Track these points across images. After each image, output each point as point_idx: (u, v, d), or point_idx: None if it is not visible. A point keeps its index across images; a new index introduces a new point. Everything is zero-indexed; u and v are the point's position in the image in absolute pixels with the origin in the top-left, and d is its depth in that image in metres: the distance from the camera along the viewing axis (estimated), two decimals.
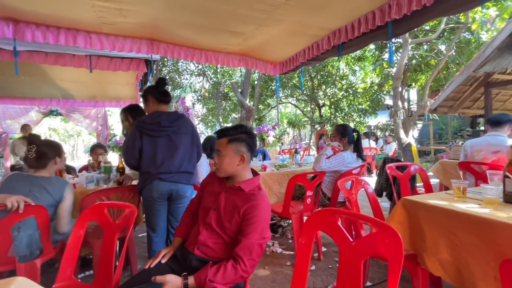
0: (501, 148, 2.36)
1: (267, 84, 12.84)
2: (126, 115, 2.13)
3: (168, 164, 1.76)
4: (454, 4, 1.98)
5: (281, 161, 3.27)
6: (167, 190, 1.77)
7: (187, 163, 1.87)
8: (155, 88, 1.92)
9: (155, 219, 1.81)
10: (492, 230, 1.02)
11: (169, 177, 1.75)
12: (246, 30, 2.89)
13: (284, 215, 2.26)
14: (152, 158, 1.75)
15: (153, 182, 1.72)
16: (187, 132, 1.89)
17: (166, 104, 1.92)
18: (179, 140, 1.83)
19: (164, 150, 1.77)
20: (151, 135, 1.76)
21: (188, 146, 1.88)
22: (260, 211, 1.06)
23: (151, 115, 1.83)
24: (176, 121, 1.83)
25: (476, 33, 7.67)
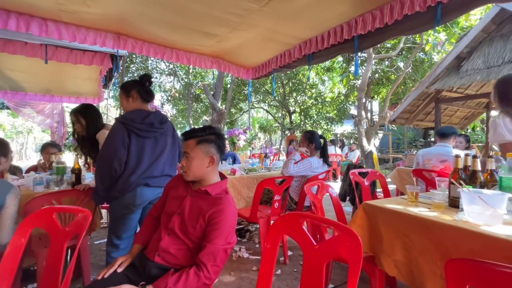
0: (448, 158, 2.63)
1: (240, 88, 12.86)
2: (78, 116, 1.94)
3: (154, 167, 1.65)
4: (411, 26, 2.18)
5: (250, 165, 3.27)
6: (152, 196, 1.65)
7: (170, 166, 1.78)
8: (141, 85, 1.76)
9: (125, 227, 1.64)
10: (439, 232, 1.11)
11: (154, 182, 1.64)
12: (219, 32, 2.86)
13: (251, 220, 2.25)
14: (138, 162, 1.59)
15: (138, 189, 1.57)
16: (169, 134, 1.80)
17: (149, 103, 1.82)
18: (164, 143, 1.74)
19: (150, 153, 1.65)
20: (140, 136, 1.60)
21: (171, 149, 1.80)
22: (226, 216, 1.04)
23: (138, 113, 1.65)
24: (165, 122, 1.74)
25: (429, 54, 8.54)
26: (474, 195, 1.11)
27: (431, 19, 2.02)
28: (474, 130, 9.97)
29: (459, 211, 1.24)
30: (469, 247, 1.01)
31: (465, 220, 1.13)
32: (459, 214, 1.20)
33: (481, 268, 0.65)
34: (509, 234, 0.97)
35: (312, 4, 2.30)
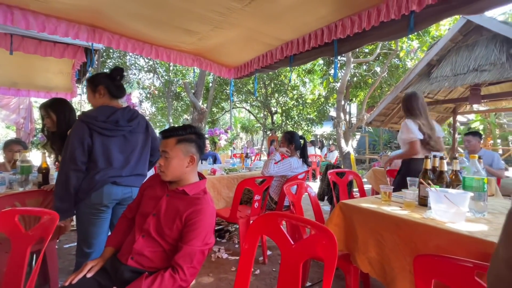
0: None
1: (222, 87, 12.76)
2: (48, 111, 1.80)
3: (124, 166, 1.56)
4: (387, 33, 2.28)
5: (231, 165, 3.25)
6: (120, 195, 1.56)
7: (142, 164, 1.70)
8: (111, 80, 1.64)
9: (96, 231, 1.52)
10: (408, 229, 1.17)
11: (123, 181, 1.55)
12: (201, 30, 2.82)
13: (231, 220, 2.23)
14: (105, 160, 1.51)
15: (104, 187, 1.48)
16: (142, 131, 1.72)
17: (119, 99, 1.69)
18: (136, 140, 1.65)
19: (119, 151, 1.56)
20: (104, 135, 1.51)
21: (143, 147, 1.71)
22: (204, 216, 1.02)
23: (103, 111, 1.55)
24: (133, 119, 1.63)
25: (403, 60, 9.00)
26: (440, 194, 1.18)
27: (405, 27, 2.13)
28: None
29: (427, 209, 1.31)
30: (436, 243, 1.07)
31: (432, 218, 1.20)
32: (427, 212, 1.27)
33: (444, 263, 0.70)
34: (471, 230, 1.05)
35: (294, 6, 2.33)
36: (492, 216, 1.29)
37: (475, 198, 1.29)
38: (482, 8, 1.78)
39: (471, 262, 0.65)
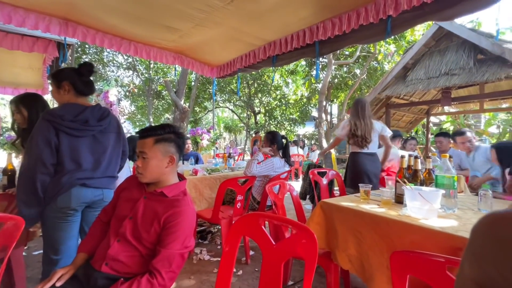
0: (394, 157, 2.92)
1: (204, 86, 12.60)
2: (19, 106, 1.68)
3: (94, 167, 1.47)
4: (365, 36, 2.35)
5: (214, 165, 3.21)
6: (91, 197, 1.46)
7: (114, 165, 1.62)
8: (78, 75, 1.51)
9: (64, 236, 1.41)
10: (386, 226, 1.21)
11: (93, 183, 1.46)
12: (182, 27, 2.76)
13: (213, 221, 2.20)
14: (72, 162, 1.41)
15: (72, 189, 1.38)
16: (113, 131, 1.63)
17: (87, 96, 1.58)
18: (107, 140, 1.56)
19: (89, 152, 1.47)
20: (72, 135, 1.40)
21: (114, 147, 1.63)
22: (183, 218, 0.99)
23: (70, 109, 1.44)
24: (104, 119, 1.54)
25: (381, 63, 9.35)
26: (415, 192, 1.24)
27: (383, 31, 2.21)
28: (417, 133, 11.19)
29: (403, 207, 1.36)
30: (410, 239, 1.12)
31: (407, 215, 1.25)
32: (403, 209, 1.32)
33: (418, 259, 0.72)
34: (442, 226, 1.10)
35: (276, 7, 2.34)
36: (461, 212, 1.36)
37: (446, 195, 1.36)
38: (451, 16, 1.88)
39: (442, 257, 0.68)
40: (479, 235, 0.28)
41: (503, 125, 9.87)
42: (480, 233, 0.27)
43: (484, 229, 0.27)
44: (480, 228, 0.28)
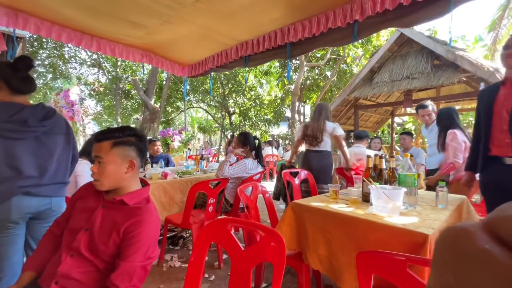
0: (362, 157, 3.05)
1: (177, 86, 12.22)
2: None
3: (41, 173, 1.32)
4: (334, 39, 2.42)
5: (185, 167, 3.10)
6: (36, 207, 1.31)
7: (64, 171, 1.47)
8: (13, 71, 1.34)
9: (5, 252, 1.25)
10: (353, 225, 1.24)
11: (40, 191, 1.31)
12: (149, 24, 2.63)
13: (184, 226, 2.12)
14: (10, 168, 1.25)
15: (12, 199, 1.23)
16: (61, 132, 1.49)
17: (26, 95, 1.41)
18: (53, 143, 1.41)
19: (31, 156, 1.31)
20: (7, 137, 1.25)
21: (63, 150, 1.48)
22: (146, 228, 0.92)
23: (4, 109, 1.28)
24: (48, 119, 1.37)
25: (350, 66, 9.78)
26: (379, 191, 1.28)
27: (350, 34, 2.29)
28: (383, 133, 11.88)
29: (369, 205, 1.41)
30: (376, 237, 1.15)
31: (373, 213, 1.29)
32: (369, 208, 1.36)
33: (382, 258, 0.74)
34: (404, 223, 1.15)
35: (248, 6, 2.32)
36: (421, 208, 1.44)
37: (408, 192, 1.43)
38: (411, 23, 2.01)
39: (403, 255, 0.71)
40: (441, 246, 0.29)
41: None
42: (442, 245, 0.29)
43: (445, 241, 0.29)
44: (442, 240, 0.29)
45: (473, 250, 0.24)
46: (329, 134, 2.90)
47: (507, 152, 1.49)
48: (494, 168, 1.59)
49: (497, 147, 1.56)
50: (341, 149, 2.96)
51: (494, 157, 1.58)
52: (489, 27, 8.05)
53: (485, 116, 1.63)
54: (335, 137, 2.94)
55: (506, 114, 1.48)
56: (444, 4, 1.77)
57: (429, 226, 1.11)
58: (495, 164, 1.58)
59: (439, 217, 1.26)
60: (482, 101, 1.69)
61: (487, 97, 1.64)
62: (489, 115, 1.60)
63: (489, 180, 1.64)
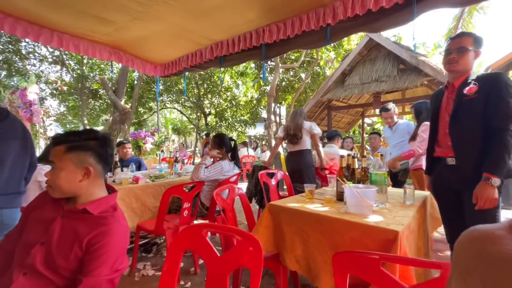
0: (335, 156, 3.15)
1: (149, 85, 11.75)
2: None
3: None
4: (308, 42, 2.47)
5: (158, 171, 2.97)
6: None
7: (18, 179, 1.33)
8: None
9: None
10: (328, 225, 1.27)
11: None
12: (117, 20, 2.49)
13: (157, 233, 2.02)
14: None
15: None
16: (16, 137, 1.34)
17: None
18: (6, 149, 1.28)
19: None
20: None
21: (17, 157, 1.33)
22: (112, 238, 0.85)
23: None
24: (1, 121, 1.26)
25: (323, 68, 10.10)
26: (353, 190, 1.32)
27: (323, 38, 2.35)
28: (354, 133, 12.42)
29: (344, 205, 1.45)
30: (350, 236, 1.18)
31: (347, 212, 1.32)
32: (344, 207, 1.40)
33: (356, 258, 0.76)
34: (376, 221, 1.20)
35: (222, 6, 2.29)
36: (391, 205, 1.51)
37: (379, 191, 1.49)
38: (378, 28, 2.11)
39: (377, 254, 0.73)
40: (463, 251, 0.28)
41: None
42: (464, 249, 0.28)
43: (468, 246, 0.28)
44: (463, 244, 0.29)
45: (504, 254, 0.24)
46: (307, 132, 3.03)
47: (448, 153, 1.54)
48: (438, 169, 1.65)
49: (441, 148, 1.62)
50: (316, 148, 3.05)
51: (438, 158, 1.64)
52: (446, 35, 8.77)
53: (432, 119, 1.71)
54: (312, 135, 3.05)
55: (447, 118, 1.53)
56: (408, 12, 1.89)
57: (399, 222, 1.16)
58: (439, 164, 1.64)
59: (407, 213, 1.33)
60: (431, 105, 1.77)
61: (434, 101, 1.72)
62: (435, 118, 1.66)
63: (435, 180, 1.70)
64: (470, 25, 8.07)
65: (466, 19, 7.99)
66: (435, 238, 2.88)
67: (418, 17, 1.88)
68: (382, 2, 1.92)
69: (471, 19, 7.97)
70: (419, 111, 2.64)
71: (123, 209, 2.34)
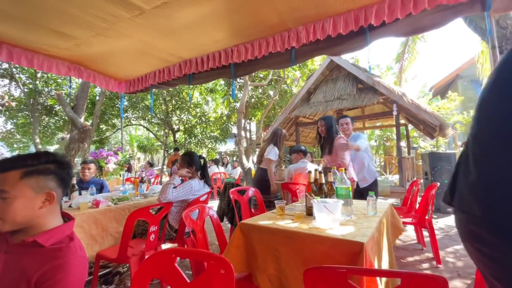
0: (301, 171, 3.25)
1: (112, 101, 11.18)
2: None
3: None
4: (275, 62, 2.59)
5: (121, 193, 2.78)
6: None
7: None
8: None
9: None
10: (299, 241, 1.28)
11: None
12: (78, 35, 2.39)
13: (120, 261, 1.86)
14: None
15: None
16: None
17: None
18: None
19: None
20: None
21: None
22: (68, 273, 0.77)
23: None
24: None
25: (290, 86, 10.57)
26: (320, 204, 1.37)
27: (288, 59, 2.49)
28: None
29: (313, 219, 1.49)
30: (320, 250, 1.21)
31: (316, 227, 1.36)
32: (313, 221, 1.44)
33: (326, 272, 0.78)
34: (343, 233, 1.25)
35: (190, 25, 2.32)
36: (356, 217, 1.59)
37: (344, 204, 1.57)
38: (338, 52, 2.31)
39: (344, 267, 0.75)
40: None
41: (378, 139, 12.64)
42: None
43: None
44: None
45: None
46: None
47: None
48: None
49: None
50: (268, 172, 3.14)
51: None
52: (396, 59, 9.83)
53: None
54: (266, 159, 3.18)
55: None
56: (363, 39, 2.10)
57: (363, 234, 1.22)
58: None
59: (371, 224, 1.40)
60: None
61: None
62: None
63: None
64: (414, 50, 9.17)
65: (411, 45, 9.08)
66: (398, 246, 3.06)
67: (371, 44, 2.10)
68: (339, 29, 2.11)
69: (415, 45, 9.07)
70: (330, 124, 2.88)
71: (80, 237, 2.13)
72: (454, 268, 2.42)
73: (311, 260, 1.21)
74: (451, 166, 4.71)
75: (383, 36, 2.06)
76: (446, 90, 11.53)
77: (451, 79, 11.97)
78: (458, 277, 2.25)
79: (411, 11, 1.84)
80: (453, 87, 11.82)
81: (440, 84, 12.40)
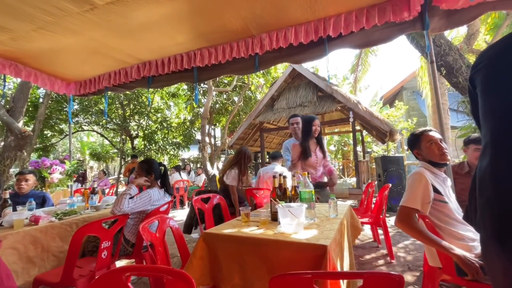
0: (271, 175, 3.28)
1: (60, 104, 10.08)
2: None
3: None
4: (239, 68, 2.59)
5: (68, 206, 2.48)
6: None
7: None
8: None
9: None
10: (264, 248, 1.26)
11: None
12: (15, 28, 2.11)
13: (64, 284, 1.64)
14: None
15: None
16: None
17: None
18: None
19: None
20: None
21: None
22: None
23: None
24: None
25: (254, 93, 10.72)
26: (285, 209, 1.37)
27: (252, 65, 2.51)
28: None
29: (278, 225, 1.48)
30: (285, 256, 1.21)
31: (282, 232, 1.36)
32: (278, 227, 1.43)
33: (291, 279, 0.76)
34: (307, 237, 1.26)
35: (148, 26, 2.21)
36: (319, 220, 1.63)
37: (308, 207, 1.59)
38: (299, 60, 2.40)
39: (309, 272, 0.75)
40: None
41: (337, 144, 13.44)
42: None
43: None
44: None
45: None
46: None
47: None
48: None
49: None
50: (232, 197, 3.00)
51: None
52: (351, 70, 10.64)
53: None
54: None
55: None
56: (322, 49, 2.21)
57: (326, 237, 1.25)
58: None
59: (333, 226, 1.45)
60: None
61: None
62: None
63: None
64: (367, 63, 10.04)
65: (364, 58, 9.92)
66: (357, 245, 3.23)
67: (330, 54, 2.22)
68: (300, 38, 2.20)
69: (367, 58, 9.94)
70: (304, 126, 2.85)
71: (13, 260, 1.84)
72: (405, 262, 2.63)
73: (277, 267, 1.20)
74: (400, 168, 5.19)
75: (340, 47, 2.20)
76: (393, 100, 12.78)
77: (397, 90, 13.33)
78: (408, 270, 2.44)
79: (364, 25, 1.99)
80: (399, 97, 13.16)
81: (388, 94, 13.73)
